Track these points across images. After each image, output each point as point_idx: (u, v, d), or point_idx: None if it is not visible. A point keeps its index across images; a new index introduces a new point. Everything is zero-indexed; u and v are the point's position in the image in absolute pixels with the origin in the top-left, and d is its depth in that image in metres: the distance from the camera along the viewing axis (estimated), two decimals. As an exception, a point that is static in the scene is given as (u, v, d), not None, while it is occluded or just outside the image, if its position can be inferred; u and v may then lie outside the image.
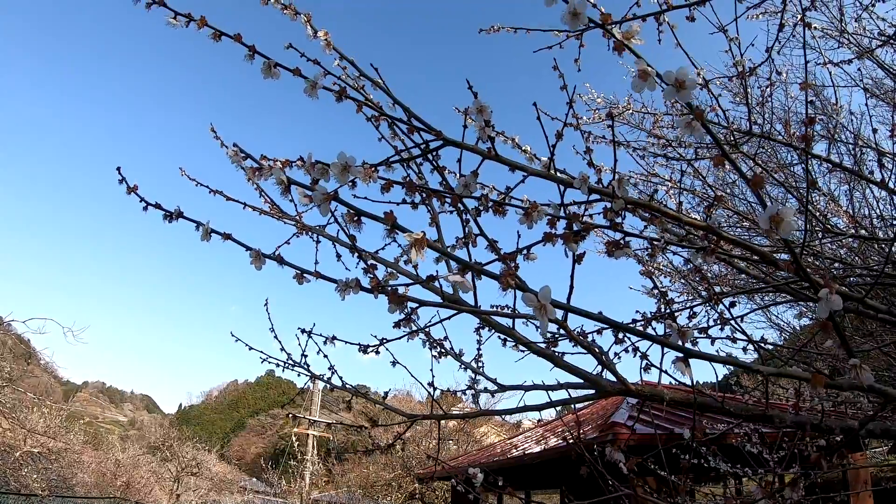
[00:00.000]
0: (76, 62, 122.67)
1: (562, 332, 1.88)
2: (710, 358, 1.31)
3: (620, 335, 1.96)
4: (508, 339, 1.68)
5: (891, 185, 4.06)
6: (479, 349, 2.40)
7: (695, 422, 1.51)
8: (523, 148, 2.25)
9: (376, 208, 1.56)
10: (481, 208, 1.39)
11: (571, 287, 1.39)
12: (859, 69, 4.46)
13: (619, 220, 1.26)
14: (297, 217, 2.10)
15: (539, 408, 1.83)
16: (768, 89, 3.87)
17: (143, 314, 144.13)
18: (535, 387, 1.89)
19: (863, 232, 4.84)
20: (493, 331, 1.77)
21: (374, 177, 1.29)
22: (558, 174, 1.37)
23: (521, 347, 1.75)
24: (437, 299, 1.48)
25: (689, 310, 2.13)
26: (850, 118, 5.07)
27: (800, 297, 2.26)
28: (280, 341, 2.63)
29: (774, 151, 5.97)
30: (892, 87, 5.91)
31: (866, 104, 4.27)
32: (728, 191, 7.09)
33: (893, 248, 4.54)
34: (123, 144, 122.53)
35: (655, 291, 1.48)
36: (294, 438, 36.26)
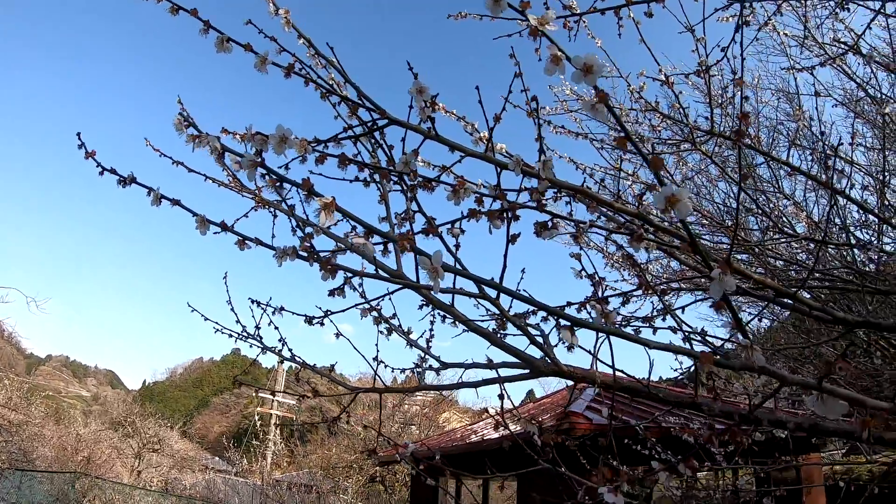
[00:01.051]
0: (37, 32, 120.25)
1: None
2: (597, 328, 1.36)
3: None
4: (448, 315, 1.72)
5: (849, 189, 4.17)
6: (431, 329, 2.45)
7: (613, 403, 1.57)
8: (481, 133, 2.30)
9: (330, 185, 1.61)
10: (418, 186, 1.44)
11: (504, 266, 1.44)
12: (815, 77, 4.55)
13: (548, 202, 1.31)
14: (257, 191, 2.13)
15: (476, 384, 1.89)
16: (729, 89, 3.95)
17: (110, 288, 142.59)
18: (475, 365, 1.94)
19: (830, 237, 4.95)
20: (434, 307, 1.82)
21: (309, 149, 1.33)
22: (497, 156, 1.42)
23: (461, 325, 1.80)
24: (378, 275, 1.52)
25: (622, 296, 2.18)
26: (812, 123, 5.18)
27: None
28: (236, 314, 2.67)
29: (743, 154, 6.08)
30: (857, 97, 6.03)
31: (817, 108, 4.41)
32: (697, 192, 7.21)
33: (838, 249, 4.66)
34: (98, 116, 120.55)
35: (583, 274, 1.53)
36: (257, 418, 36.12)
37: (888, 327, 2.41)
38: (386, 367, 2.58)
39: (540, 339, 1.85)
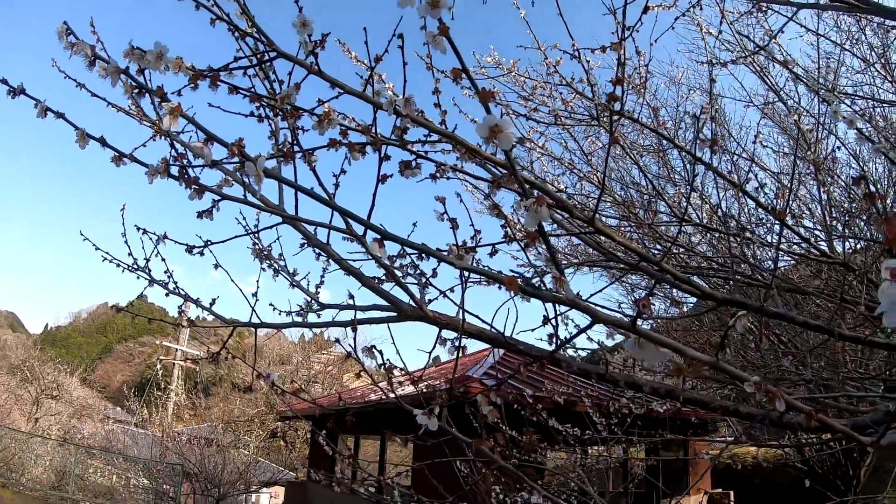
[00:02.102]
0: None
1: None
2: (427, 250, 1.43)
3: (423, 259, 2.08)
4: (322, 253, 1.77)
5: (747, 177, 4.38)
6: (322, 277, 2.50)
7: (459, 345, 1.65)
8: (382, 79, 2.33)
9: (225, 119, 1.64)
10: (289, 115, 1.47)
11: (373, 204, 1.49)
12: (732, 74, 4.74)
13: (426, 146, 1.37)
14: (157, 121, 2.13)
15: (347, 324, 1.94)
16: (642, 72, 4.07)
17: (15, 222, 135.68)
18: (349, 307, 2.00)
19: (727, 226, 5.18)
20: (311, 244, 1.87)
21: (183, 67, 1.35)
22: (375, 97, 1.46)
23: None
24: (248, 201, 1.56)
25: (491, 247, 2.27)
26: (719, 118, 5.39)
27: (590, 245, 2.44)
28: (129, 245, 2.64)
29: (662, 145, 6.27)
30: (771, 101, 6.30)
31: (712, 98, 4.64)
32: (610, 175, 7.39)
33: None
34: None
35: (444, 217, 1.61)
36: (159, 367, 35.36)
37: (755, 308, 2.58)
38: (275, 309, 2.62)
39: (415, 287, 1.93)
